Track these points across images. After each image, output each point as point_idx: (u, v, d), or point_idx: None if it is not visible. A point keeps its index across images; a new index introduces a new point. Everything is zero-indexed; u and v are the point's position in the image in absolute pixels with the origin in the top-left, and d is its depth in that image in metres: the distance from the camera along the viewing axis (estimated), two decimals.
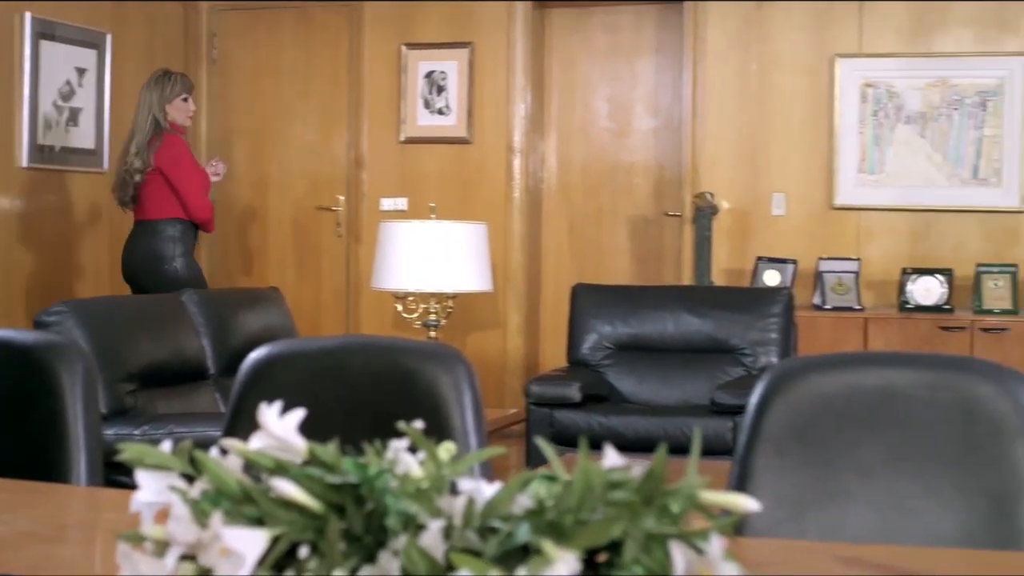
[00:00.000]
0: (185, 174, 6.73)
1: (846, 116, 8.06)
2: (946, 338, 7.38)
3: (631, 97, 8.58)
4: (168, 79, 6.83)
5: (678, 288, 7.26)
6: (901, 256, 7.89)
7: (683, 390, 6.34)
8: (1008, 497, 2.09)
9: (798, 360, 2.27)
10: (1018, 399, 2.12)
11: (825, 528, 2.11)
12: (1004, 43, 7.87)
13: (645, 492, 1.22)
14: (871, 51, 8.02)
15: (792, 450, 2.13)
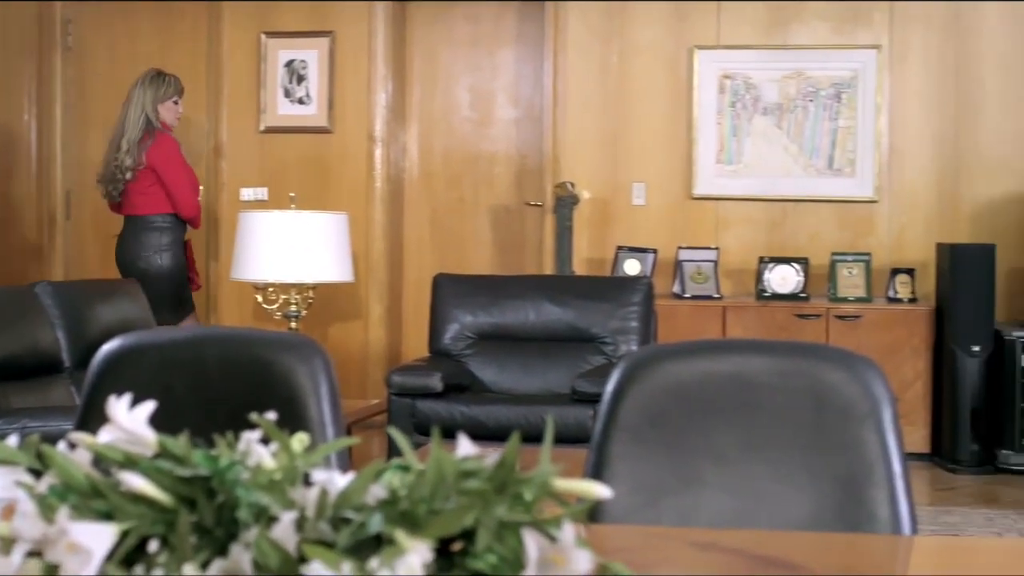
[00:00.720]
0: (177, 173, 6.92)
1: (704, 107, 8.16)
2: (802, 325, 7.52)
3: (492, 87, 8.59)
4: (162, 80, 7.02)
5: (539, 278, 7.29)
6: (758, 245, 8.01)
7: (544, 379, 6.37)
8: (857, 480, 2.13)
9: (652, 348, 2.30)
10: (867, 385, 2.16)
11: (681, 514, 2.13)
12: (858, 36, 8.03)
13: (498, 481, 1.23)
14: (729, 43, 8.12)
15: (647, 437, 2.15)
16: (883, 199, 8.03)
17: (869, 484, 2.13)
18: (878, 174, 8.02)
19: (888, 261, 7.90)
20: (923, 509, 6.36)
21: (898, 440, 2.15)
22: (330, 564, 1.15)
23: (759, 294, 7.74)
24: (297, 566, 1.16)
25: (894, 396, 2.17)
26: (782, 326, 7.50)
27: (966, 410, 7.27)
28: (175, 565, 1.19)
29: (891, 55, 8.02)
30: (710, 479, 2.15)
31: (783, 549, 1.90)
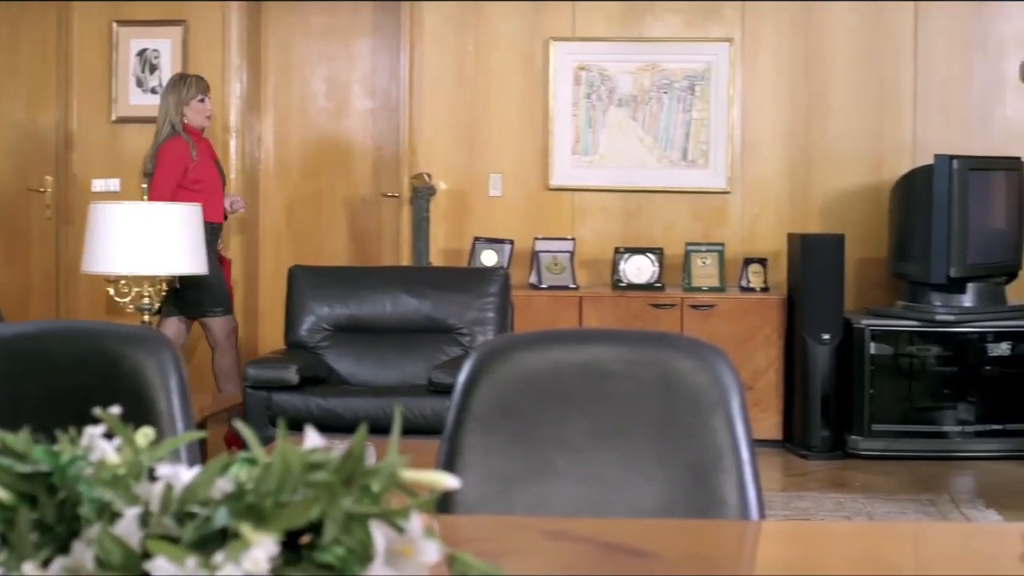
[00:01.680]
0: (160, 173, 6.90)
1: (560, 99, 8.20)
2: (657, 315, 7.60)
3: (348, 78, 8.55)
4: (183, 83, 7.07)
5: (396, 269, 7.28)
6: (614, 235, 8.08)
7: (402, 370, 6.36)
8: (706, 467, 2.17)
9: (504, 338, 2.31)
10: (716, 373, 2.19)
11: (533, 503, 2.15)
12: (710, 30, 8.14)
13: (345, 473, 1.22)
14: (584, 35, 8.18)
15: (499, 427, 2.16)
16: (736, 190, 8.16)
17: (718, 471, 2.16)
18: (731, 166, 8.14)
19: (741, 251, 8.03)
20: (775, 495, 6.47)
21: (746, 427, 2.19)
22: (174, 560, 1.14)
23: (615, 284, 7.81)
24: (141, 563, 1.15)
25: (742, 384, 2.21)
26: (637, 316, 7.57)
27: (817, 397, 7.41)
28: (15, 564, 1.17)
29: (743, 49, 8.15)
30: (562, 468, 2.17)
31: (633, 536, 1.93)
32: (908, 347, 7.47)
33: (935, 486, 6.78)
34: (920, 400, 7.49)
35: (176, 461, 1.40)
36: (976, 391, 7.45)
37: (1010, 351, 7.36)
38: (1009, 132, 8.10)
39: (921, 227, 7.31)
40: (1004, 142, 8.05)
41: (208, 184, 6.98)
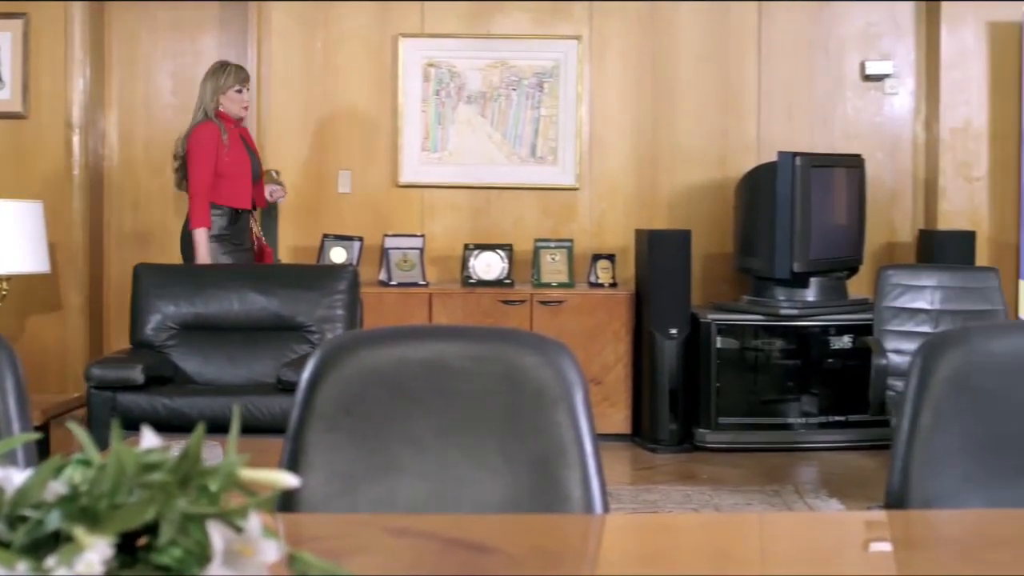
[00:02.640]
0: (195, 159, 6.77)
1: (409, 95, 8.19)
2: (507, 311, 7.63)
3: (195, 73, 8.40)
4: (223, 71, 6.95)
5: (243, 266, 7.18)
6: (463, 232, 8.10)
7: (250, 369, 6.29)
8: (551, 462, 2.18)
9: (349, 335, 2.29)
10: (560, 369, 2.21)
11: (377, 501, 2.14)
12: (559, 27, 8.19)
13: (181, 473, 1.21)
14: (433, 32, 8.17)
15: (344, 425, 2.15)
16: (584, 186, 8.22)
17: (562, 465, 2.18)
18: (579, 162, 8.20)
19: (590, 247, 8.10)
20: (624, 488, 6.54)
21: (590, 422, 2.20)
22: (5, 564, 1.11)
23: (464, 281, 7.82)
24: None
25: (586, 379, 2.22)
26: (487, 312, 7.59)
27: (665, 391, 7.50)
28: None
29: (591, 47, 8.21)
30: (407, 465, 2.17)
31: (477, 532, 1.93)
32: (753, 341, 7.59)
33: (780, 477, 6.91)
34: (765, 393, 7.62)
35: (11, 464, 1.37)
36: (819, 383, 7.60)
37: (851, 344, 7.52)
38: (850, 130, 8.29)
39: (765, 223, 7.44)
40: (845, 139, 8.24)
41: (235, 170, 6.84)
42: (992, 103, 8.02)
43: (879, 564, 2.04)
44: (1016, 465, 2.30)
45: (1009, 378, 2.32)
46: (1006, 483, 2.29)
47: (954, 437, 2.28)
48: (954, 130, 8.04)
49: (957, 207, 8.02)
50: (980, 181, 8.03)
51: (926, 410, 2.27)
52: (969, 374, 2.30)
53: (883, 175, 8.26)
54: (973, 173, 8.03)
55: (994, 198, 8.01)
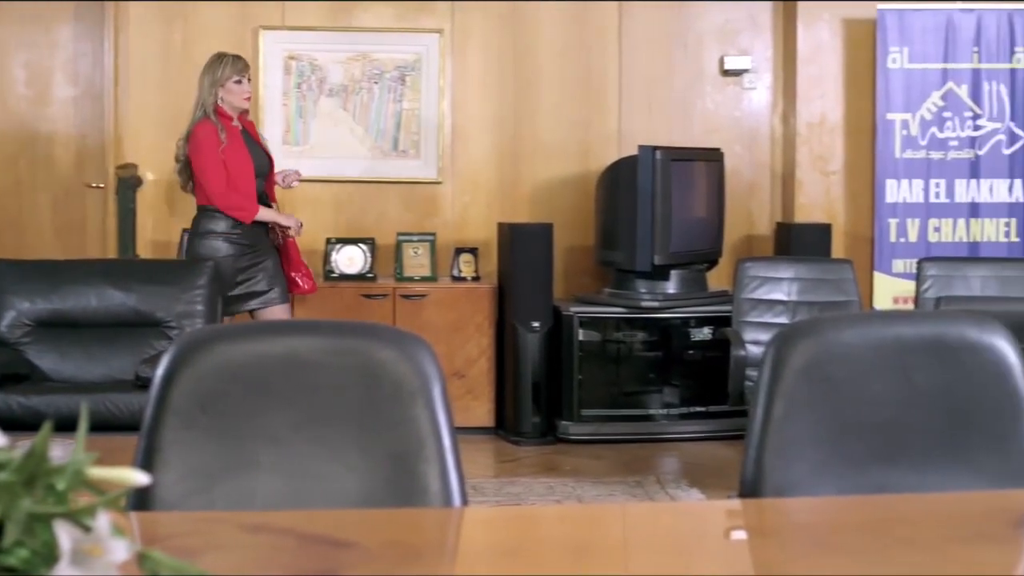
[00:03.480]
0: (203, 162, 6.47)
1: (270, 88, 8.12)
2: (370, 305, 7.60)
3: (50, 64, 8.27)
4: (219, 62, 6.62)
5: (101, 262, 7.08)
6: (326, 226, 8.05)
7: (108, 365, 6.19)
8: (409, 456, 2.18)
9: (205, 330, 2.27)
10: (418, 362, 2.21)
11: (235, 498, 2.12)
12: (421, 20, 8.17)
13: (26, 472, 1.19)
14: (294, 24, 8.11)
15: (200, 421, 2.13)
16: (447, 180, 8.23)
17: (420, 459, 2.18)
18: (441, 156, 8.21)
19: (452, 240, 8.10)
20: (487, 481, 6.56)
21: (448, 416, 2.21)
22: None
23: (327, 275, 7.78)
24: None
25: (444, 373, 2.23)
26: (349, 306, 7.56)
27: (528, 384, 7.53)
28: None
29: (453, 40, 8.21)
30: (264, 461, 2.15)
31: (334, 527, 1.93)
32: (615, 333, 7.66)
33: (642, 468, 6.98)
34: (627, 385, 7.69)
35: None
36: (680, 375, 7.69)
37: (711, 335, 7.62)
38: (709, 124, 8.40)
39: (626, 216, 7.50)
40: (705, 133, 8.34)
41: (236, 171, 6.49)
42: (847, 98, 8.17)
43: (735, 552, 2.07)
44: (866, 452, 2.35)
45: (859, 367, 2.36)
46: (856, 470, 2.34)
47: (806, 426, 2.32)
48: (810, 124, 8.19)
49: (813, 200, 8.17)
50: (836, 175, 8.19)
51: (779, 400, 2.31)
52: (820, 364, 2.35)
53: (742, 168, 8.38)
54: (829, 167, 8.18)
55: (849, 191, 8.17)
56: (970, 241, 7.92)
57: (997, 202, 7.92)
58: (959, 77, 7.90)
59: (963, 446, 2.40)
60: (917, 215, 7.90)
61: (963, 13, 7.89)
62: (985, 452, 2.40)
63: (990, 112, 7.90)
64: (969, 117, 7.90)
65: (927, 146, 7.89)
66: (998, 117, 7.90)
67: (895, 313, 3.42)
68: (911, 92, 7.89)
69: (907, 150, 7.86)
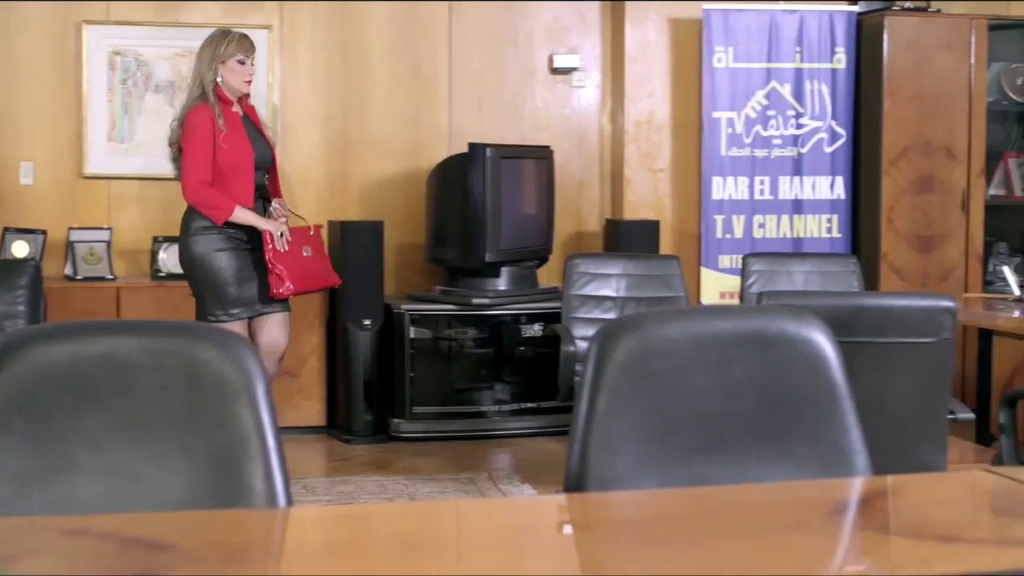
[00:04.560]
0: (189, 150, 6.01)
1: (95, 84, 7.96)
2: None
3: None
4: (224, 38, 6.17)
5: None
6: (152, 224, 7.91)
7: None
8: (233, 456, 2.16)
9: (20, 332, 2.21)
10: (240, 361, 2.19)
11: (53, 502, 2.08)
12: (249, 16, 8.08)
13: None
14: (119, 19, 7.96)
15: (16, 425, 2.08)
16: None
17: (244, 459, 2.16)
18: None
19: None
20: (318, 480, 6.52)
21: (272, 415, 2.19)
22: None
23: (154, 274, 7.66)
24: None
25: (266, 372, 2.21)
26: (178, 306, 7.42)
27: (359, 382, 7.50)
28: None
29: (282, 37, 8.14)
30: (83, 464, 2.11)
31: (156, 530, 1.90)
32: (447, 330, 7.67)
33: (474, 465, 7.00)
34: (459, 382, 7.71)
35: None
36: (512, 371, 7.74)
37: (542, 332, 7.67)
38: (539, 121, 8.45)
39: (457, 213, 7.52)
40: (535, 131, 8.40)
41: (235, 160, 6.03)
42: (674, 97, 8.29)
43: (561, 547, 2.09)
44: (688, 445, 2.39)
45: (681, 362, 2.40)
46: (679, 463, 2.38)
47: (629, 420, 2.35)
48: (638, 122, 8.29)
49: (642, 197, 8.27)
50: (663, 172, 8.30)
51: (602, 395, 2.34)
52: (643, 359, 2.38)
53: (571, 166, 8.45)
54: (656, 164, 8.29)
55: (676, 189, 8.30)
56: (794, 237, 8.10)
57: (819, 199, 8.11)
58: (782, 76, 8.07)
59: (782, 437, 2.46)
60: (742, 212, 8.05)
61: (786, 14, 8.06)
62: (803, 443, 2.46)
63: (812, 111, 8.09)
64: (792, 116, 8.08)
65: (752, 144, 8.04)
66: (820, 116, 8.09)
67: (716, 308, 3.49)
68: (736, 91, 8.04)
69: (732, 148, 8.00)
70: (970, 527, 2.18)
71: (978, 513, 2.37)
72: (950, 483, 2.76)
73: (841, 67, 8.09)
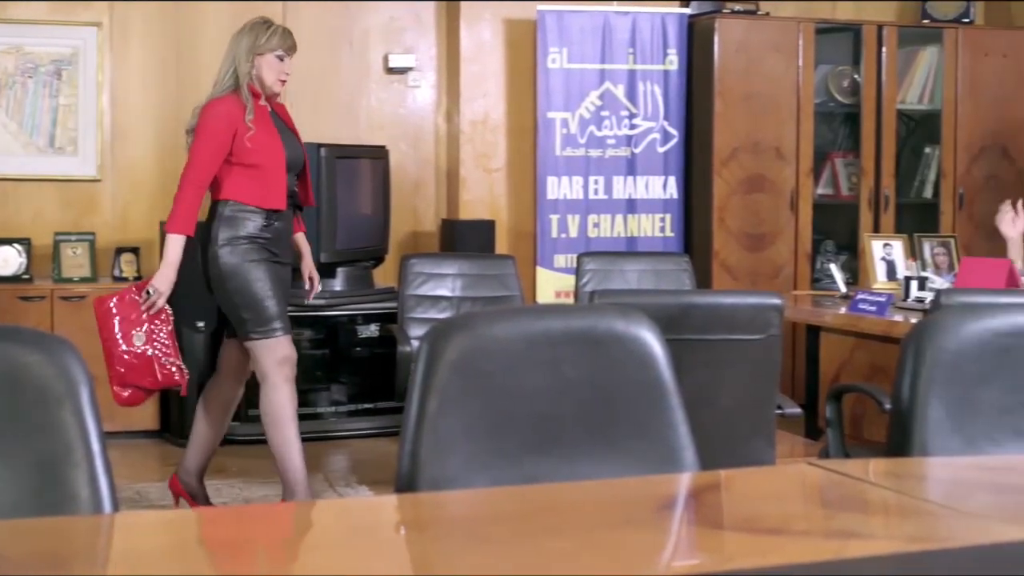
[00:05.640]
0: (197, 137, 5.41)
1: None
2: (27, 308, 7.34)
3: None
4: (265, 28, 5.53)
5: None
6: None
7: None
8: (57, 462, 2.12)
9: None
10: (64, 366, 2.15)
11: None
12: (78, 13, 7.93)
13: None
14: None
15: None
16: (107, 178, 8.00)
17: (69, 465, 2.12)
18: (101, 153, 7.98)
19: (113, 240, 7.88)
20: (153, 486, 6.42)
21: (96, 420, 2.15)
22: None
23: None
24: None
25: (91, 376, 2.17)
26: (5, 310, 7.27)
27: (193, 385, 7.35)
28: None
29: (112, 35, 8.00)
30: None
31: None
32: None
33: (311, 467, 6.90)
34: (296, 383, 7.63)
35: None
36: (348, 372, 7.70)
37: (378, 332, 7.65)
38: (375, 121, 8.43)
39: None
40: (370, 131, 8.38)
41: (265, 158, 5.45)
42: (509, 97, 8.33)
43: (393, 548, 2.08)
44: (519, 444, 2.41)
45: (511, 361, 2.42)
46: (509, 462, 2.39)
47: (460, 419, 2.36)
48: (473, 122, 8.31)
49: (477, 197, 8.30)
50: (499, 172, 8.34)
51: (433, 395, 2.34)
52: (474, 358, 2.39)
53: (407, 166, 8.45)
54: (492, 164, 8.32)
55: (512, 189, 8.34)
56: (628, 236, 8.19)
57: (652, 198, 8.22)
58: (616, 77, 8.16)
59: (612, 435, 2.48)
60: (577, 211, 8.12)
61: (619, 15, 8.15)
62: (633, 439, 2.49)
63: (645, 112, 8.19)
64: (625, 116, 8.17)
65: (586, 144, 8.12)
66: (652, 116, 8.20)
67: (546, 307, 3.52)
68: (570, 91, 8.11)
69: (567, 148, 8.07)
70: (794, 519, 2.23)
71: (802, 505, 2.42)
72: (777, 477, 2.82)
73: (673, 68, 8.21)
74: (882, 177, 8.47)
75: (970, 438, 2.70)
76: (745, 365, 4.26)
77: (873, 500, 2.37)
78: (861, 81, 8.46)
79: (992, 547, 1.96)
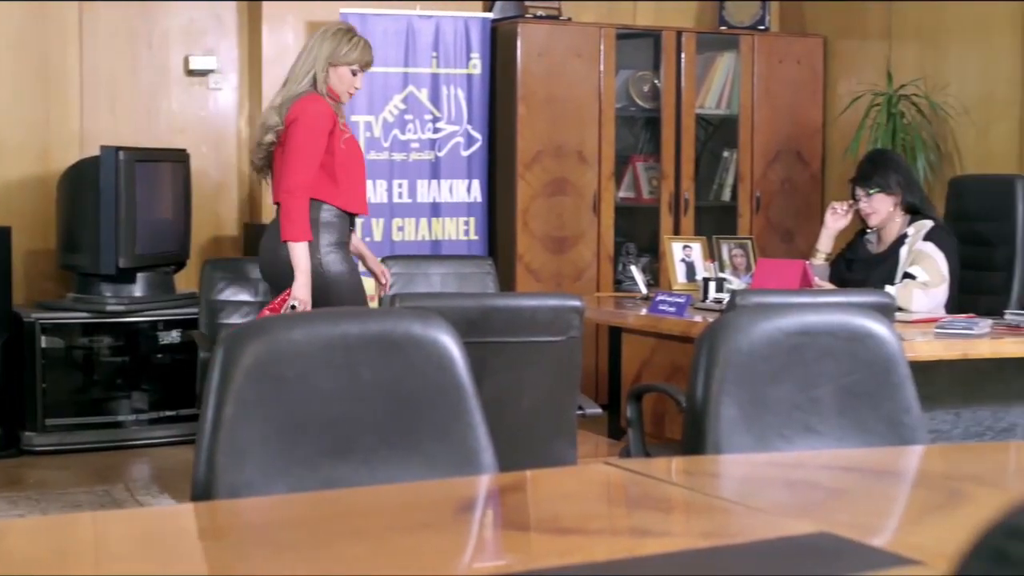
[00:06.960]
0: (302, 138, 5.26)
1: None
2: None
3: None
4: (348, 39, 5.45)
5: None
6: None
7: None
8: None
9: None
10: None
11: None
12: None
13: None
14: None
15: None
16: None
17: None
18: None
19: None
20: None
21: None
22: None
23: None
24: None
25: None
26: None
27: None
28: None
29: None
30: None
31: None
32: (81, 339, 7.43)
33: (111, 476, 6.82)
34: (96, 391, 7.48)
35: None
36: (149, 379, 7.56)
37: (180, 338, 7.53)
38: (175, 124, 8.30)
39: (89, 218, 7.31)
40: (171, 134, 8.24)
41: (353, 166, 5.45)
42: None
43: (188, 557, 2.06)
44: (316, 449, 2.40)
45: (308, 366, 2.40)
46: (307, 467, 2.37)
47: (257, 426, 2.34)
48: None
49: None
50: None
51: (229, 401, 2.32)
52: (270, 363, 2.37)
53: (209, 169, 8.33)
54: None
55: None
56: (432, 240, 8.21)
57: (457, 202, 8.25)
58: (419, 81, 8.17)
59: (411, 438, 2.49)
60: (382, 215, 8.11)
61: (422, 19, 8.16)
62: (432, 442, 2.50)
63: (448, 115, 8.21)
64: (429, 120, 8.19)
65: (390, 148, 8.11)
66: (456, 120, 8.23)
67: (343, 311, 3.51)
68: (374, 95, 8.09)
69: (371, 151, 8.04)
70: (592, 518, 2.26)
71: (600, 505, 2.46)
72: (575, 477, 2.85)
73: (477, 73, 8.25)
74: (682, 180, 8.63)
75: (762, 435, 2.76)
76: (546, 367, 4.31)
77: (668, 498, 2.42)
78: (661, 86, 8.61)
79: (780, 540, 2.01)
